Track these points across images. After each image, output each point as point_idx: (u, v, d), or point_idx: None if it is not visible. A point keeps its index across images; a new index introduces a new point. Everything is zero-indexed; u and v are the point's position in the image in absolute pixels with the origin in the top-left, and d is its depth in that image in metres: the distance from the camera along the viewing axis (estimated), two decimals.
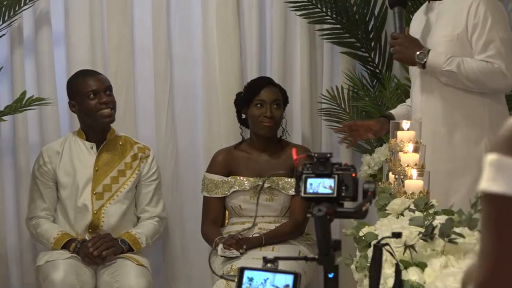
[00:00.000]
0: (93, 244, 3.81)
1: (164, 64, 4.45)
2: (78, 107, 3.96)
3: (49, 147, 4.04)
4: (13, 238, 4.35)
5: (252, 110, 4.06)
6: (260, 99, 4.05)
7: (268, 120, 4.04)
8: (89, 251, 3.79)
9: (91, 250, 3.79)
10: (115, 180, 3.99)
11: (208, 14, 4.48)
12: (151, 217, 4.05)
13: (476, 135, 3.29)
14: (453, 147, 3.31)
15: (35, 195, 3.99)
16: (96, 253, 3.79)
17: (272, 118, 4.04)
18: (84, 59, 4.34)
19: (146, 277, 3.82)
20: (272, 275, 1.85)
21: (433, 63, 3.25)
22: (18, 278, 4.35)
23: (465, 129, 3.30)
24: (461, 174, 3.26)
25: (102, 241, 3.83)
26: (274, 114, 4.04)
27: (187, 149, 4.54)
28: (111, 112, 3.95)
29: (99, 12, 4.41)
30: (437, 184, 3.13)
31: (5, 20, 4.12)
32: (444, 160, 3.30)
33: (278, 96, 4.09)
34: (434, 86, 3.33)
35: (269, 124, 4.04)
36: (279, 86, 4.16)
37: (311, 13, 4.41)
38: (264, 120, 4.04)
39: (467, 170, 3.25)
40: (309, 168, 1.96)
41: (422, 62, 3.26)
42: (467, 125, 3.30)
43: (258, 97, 4.06)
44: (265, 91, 4.07)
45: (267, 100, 4.05)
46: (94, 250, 3.79)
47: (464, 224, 2.57)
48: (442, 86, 3.31)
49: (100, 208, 3.94)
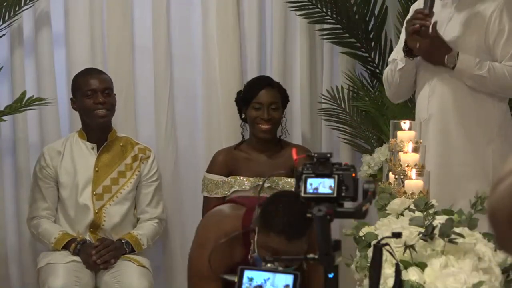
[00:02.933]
0: (97, 253, 3.81)
1: (164, 64, 4.45)
2: (77, 104, 3.98)
3: (51, 147, 4.04)
4: (13, 239, 4.35)
5: (251, 111, 4.06)
6: (258, 101, 4.03)
7: (265, 122, 4.03)
8: (92, 259, 3.79)
9: (94, 259, 3.79)
10: (115, 181, 3.98)
11: (208, 14, 4.48)
12: (151, 218, 4.05)
13: (485, 140, 3.28)
14: (461, 152, 3.29)
15: (36, 195, 3.99)
16: (100, 262, 3.80)
17: (269, 121, 4.03)
18: (84, 59, 4.34)
19: (147, 278, 3.82)
20: (272, 275, 1.85)
21: (463, 67, 3.22)
22: (18, 278, 4.35)
23: (475, 133, 3.28)
24: (471, 178, 3.24)
25: (106, 250, 3.82)
26: (271, 116, 4.03)
27: (187, 149, 4.54)
28: (106, 113, 3.94)
29: (99, 12, 4.40)
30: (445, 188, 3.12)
31: (5, 20, 4.12)
32: (453, 164, 3.28)
33: (276, 99, 4.06)
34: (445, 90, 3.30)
35: (266, 126, 4.03)
36: (278, 86, 4.12)
37: (311, 13, 4.41)
38: (261, 122, 4.03)
39: (475, 176, 3.24)
40: (309, 168, 1.96)
41: (452, 66, 3.25)
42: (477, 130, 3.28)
43: (256, 99, 4.04)
44: (263, 93, 4.05)
45: (265, 102, 4.03)
46: (98, 258, 3.80)
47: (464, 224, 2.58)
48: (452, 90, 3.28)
49: (100, 208, 3.94)
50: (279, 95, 4.09)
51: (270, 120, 4.03)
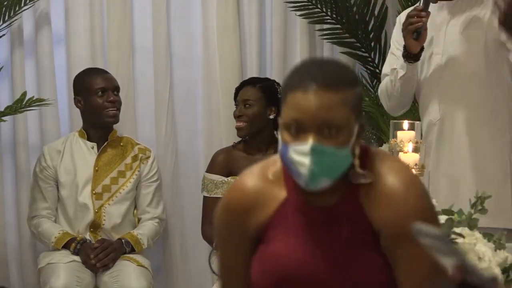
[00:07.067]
0: (95, 256, 3.81)
1: (164, 64, 4.45)
2: (84, 103, 3.96)
3: (51, 146, 4.03)
4: (13, 239, 4.34)
5: None
6: (236, 100, 4.07)
7: (237, 119, 4.03)
8: (91, 263, 3.79)
9: (93, 262, 3.80)
10: (115, 181, 3.98)
11: (208, 14, 4.48)
12: (152, 218, 4.05)
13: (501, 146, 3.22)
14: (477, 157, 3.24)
15: (36, 194, 3.98)
16: (99, 265, 3.81)
17: (240, 118, 4.02)
18: (84, 59, 4.34)
19: (146, 277, 3.82)
20: None
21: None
22: (18, 278, 4.34)
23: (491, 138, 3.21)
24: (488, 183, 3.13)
25: (105, 253, 3.82)
26: (242, 113, 4.00)
27: (187, 148, 4.54)
28: (116, 112, 3.96)
29: (99, 12, 4.40)
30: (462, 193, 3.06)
31: (5, 20, 4.12)
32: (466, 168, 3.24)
33: (250, 97, 4.03)
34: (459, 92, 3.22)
35: (238, 124, 4.03)
36: (261, 85, 4.06)
37: (311, 13, 4.41)
38: (236, 120, 4.04)
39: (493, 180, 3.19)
40: None
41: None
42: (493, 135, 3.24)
43: (236, 98, 4.07)
44: (240, 92, 4.07)
45: (240, 101, 4.05)
46: (97, 262, 3.80)
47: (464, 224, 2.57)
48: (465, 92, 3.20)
49: (100, 207, 3.94)
50: (260, 93, 4.05)
51: (241, 117, 4.02)
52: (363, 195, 1.89)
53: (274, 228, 1.92)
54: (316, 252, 1.89)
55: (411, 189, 1.89)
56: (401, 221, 1.83)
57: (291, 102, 1.82)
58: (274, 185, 1.93)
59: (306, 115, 1.80)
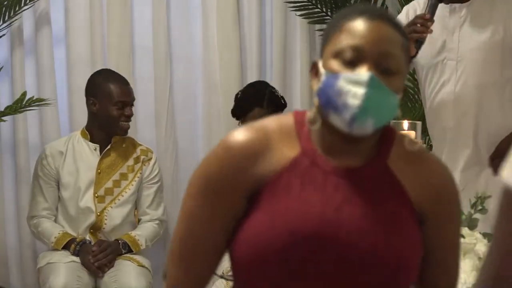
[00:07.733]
0: (94, 257, 3.81)
1: (164, 64, 4.45)
2: (98, 108, 3.92)
3: (52, 146, 4.02)
4: (13, 239, 4.35)
5: None
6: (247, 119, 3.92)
7: None
8: (92, 268, 3.80)
9: (94, 267, 3.81)
10: (117, 183, 3.97)
11: (208, 14, 4.48)
12: (152, 220, 4.05)
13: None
14: None
15: (36, 194, 3.97)
16: (97, 265, 3.81)
17: None
18: (84, 59, 4.34)
19: (146, 277, 3.82)
20: None
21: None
22: (18, 278, 4.34)
23: None
24: None
25: (104, 254, 3.83)
26: None
27: (187, 149, 4.54)
28: (129, 125, 3.95)
29: (99, 12, 4.40)
30: None
31: (5, 20, 4.12)
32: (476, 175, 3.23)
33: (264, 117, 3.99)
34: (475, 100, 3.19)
35: None
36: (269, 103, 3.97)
37: (311, 13, 4.42)
38: None
39: None
40: None
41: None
42: None
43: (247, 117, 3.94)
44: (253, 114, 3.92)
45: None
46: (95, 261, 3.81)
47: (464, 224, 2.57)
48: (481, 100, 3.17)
49: (102, 210, 3.93)
50: (268, 113, 4.02)
51: None
52: (395, 163, 1.69)
53: (279, 188, 1.64)
54: (352, 213, 1.63)
55: (450, 173, 1.76)
56: (443, 200, 1.71)
57: (350, 29, 1.64)
58: (283, 141, 1.68)
59: (367, 42, 1.62)
